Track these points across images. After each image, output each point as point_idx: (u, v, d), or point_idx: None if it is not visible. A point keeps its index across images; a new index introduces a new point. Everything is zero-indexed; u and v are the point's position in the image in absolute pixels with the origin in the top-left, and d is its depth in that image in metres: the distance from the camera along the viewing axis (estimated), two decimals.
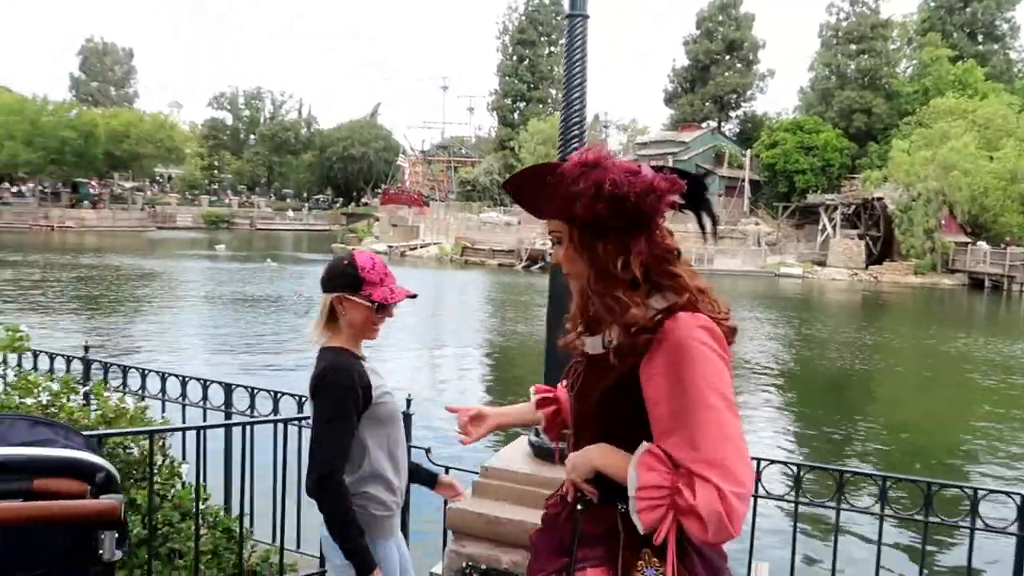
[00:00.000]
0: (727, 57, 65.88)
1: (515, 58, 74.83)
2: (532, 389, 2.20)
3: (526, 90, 74.54)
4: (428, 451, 3.58)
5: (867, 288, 41.13)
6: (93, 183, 66.53)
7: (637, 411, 1.60)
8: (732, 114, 68.31)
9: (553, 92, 76.33)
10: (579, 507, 1.70)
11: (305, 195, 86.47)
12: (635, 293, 1.60)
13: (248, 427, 3.80)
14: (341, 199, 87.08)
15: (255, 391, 4.01)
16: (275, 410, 3.95)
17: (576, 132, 3.20)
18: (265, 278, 31.61)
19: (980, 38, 60.67)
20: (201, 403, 4.11)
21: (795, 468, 3.32)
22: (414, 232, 54.09)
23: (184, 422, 4.14)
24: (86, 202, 63.36)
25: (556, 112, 68.48)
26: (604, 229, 1.59)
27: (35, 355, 4.64)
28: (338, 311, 2.37)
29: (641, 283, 1.60)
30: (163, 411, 4.31)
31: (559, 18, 73.12)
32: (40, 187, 64.47)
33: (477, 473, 2.82)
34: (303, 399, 3.92)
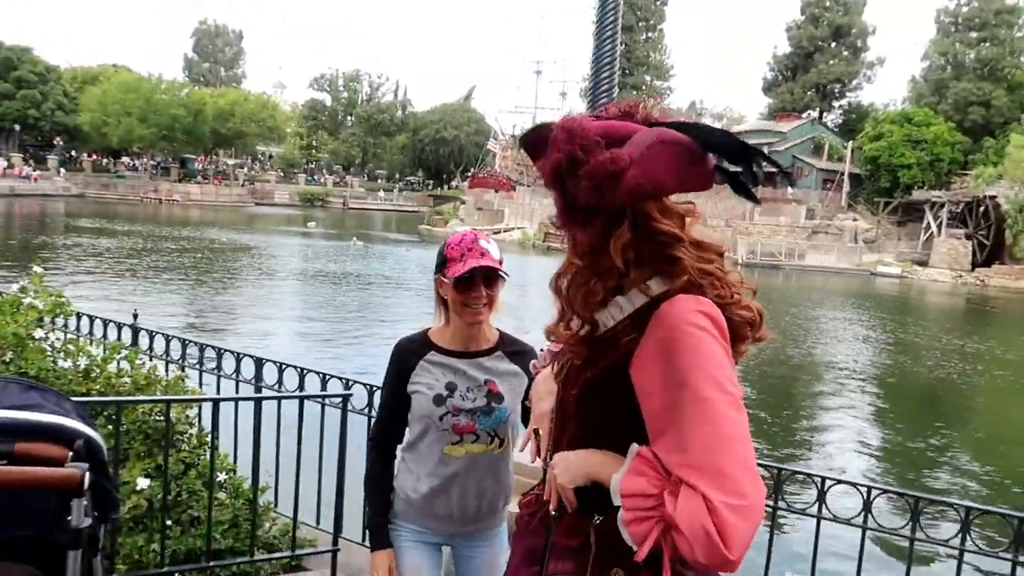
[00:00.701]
0: (832, 44, 62.96)
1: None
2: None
3: (621, 76, 73.37)
4: None
5: (972, 292, 38.71)
6: (199, 159, 69.95)
7: (624, 404, 1.41)
8: (835, 104, 65.33)
9: (648, 78, 75.02)
10: (553, 514, 1.54)
11: (397, 176, 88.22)
12: (623, 277, 1.43)
13: (278, 402, 3.84)
14: (431, 181, 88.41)
15: (283, 366, 4.06)
16: (300, 386, 3.98)
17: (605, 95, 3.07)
18: (349, 256, 32.43)
19: None
20: (234, 375, 4.19)
21: (864, 490, 2.97)
22: (499, 216, 54.36)
23: (218, 392, 4.23)
24: (198, 176, 66.68)
25: (648, 99, 67.42)
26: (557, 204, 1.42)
27: (91, 320, 4.85)
28: (440, 293, 2.26)
29: (632, 266, 1.42)
30: (200, 382, 4.42)
31: (658, 3, 71.71)
32: (152, 162, 68.18)
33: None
34: (327, 377, 3.94)
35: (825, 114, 63.55)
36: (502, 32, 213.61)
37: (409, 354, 2.28)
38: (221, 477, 3.88)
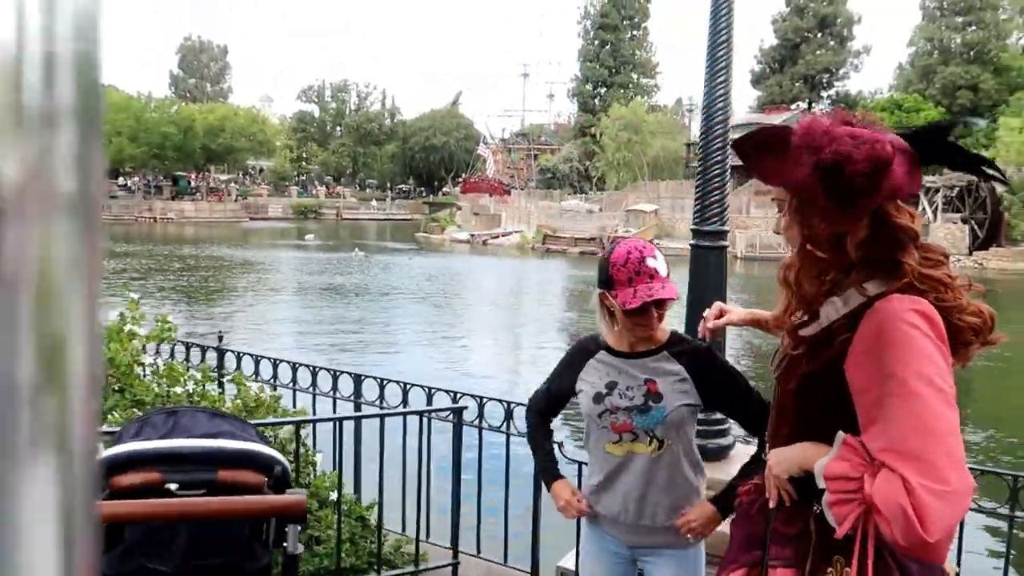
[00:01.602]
0: (819, 34, 63.25)
1: (596, 43, 73.89)
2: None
3: (608, 75, 73.54)
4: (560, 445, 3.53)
5: (972, 276, 38.53)
6: (191, 176, 69.63)
7: (835, 400, 1.49)
8: (824, 94, 65.62)
9: (635, 76, 75.14)
10: (771, 504, 1.63)
11: (388, 185, 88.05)
12: (845, 276, 1.52)
13: (381, 419, 3.85)
14: (423, 188, 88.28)
15: (384, 382, 4.07)
16: (404, 401, 3.99)
17: (721, 103, 3.09)
18: (355, 268, 32.38)
19: None
20: (331, 393, 4.19)
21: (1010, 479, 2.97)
22: (496, 220, 54.33)
23: (314, 412, 4.23)
24: (195, 194, 66.42)
25: (637, 97, 67.70)
26: (819, 203, 1.47)
27: (172, 344, 4.84)
28: (607, 306, 2.24)
29: (856, 266, 1.50)
30: (294, 401, 4.41)
31: (641, 0, 71.79)
32: (144, 181, 67.82)
33: None
34: (432, 391, 3.95)
35: (814, 104, 63.74)
36: (502, 31, 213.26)
37: (583, 351, 2.37)
38: (333, 496, 3.89)
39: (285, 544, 2.15)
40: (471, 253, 45.83)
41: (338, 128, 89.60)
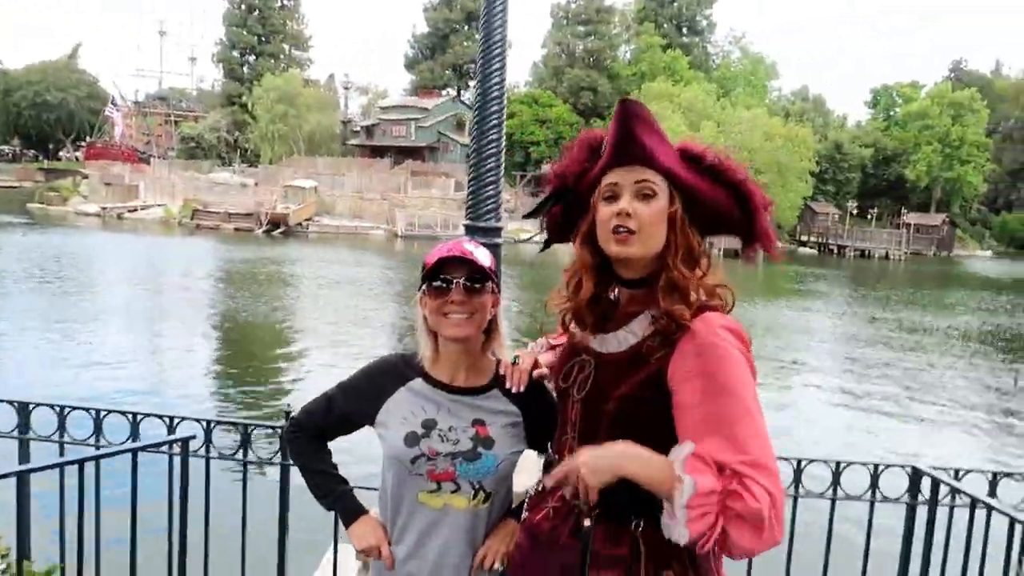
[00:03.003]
0: (466, 27, 67.07)
1: (243, 7, 69.49)
2: (547, 339, 2.01)
3: (256, 43, 69.68)
4: None
5: None
6: None
7: (658, 417, 1.50)
8: (471, 83, 69.92)
9: (286, 48, 72.35)
10: (587, 524, 1.52)
11: None
12: (698, 282, 1.56)
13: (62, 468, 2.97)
14: (34, 152, 75.14)
15: (66, 410, 3.17)
16: (97, 433, 3.15)
17: (496, 96, 2.90)
18: None
19: (684, 30, 68.31)
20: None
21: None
22: (132, 192, 48.36)
23: None
24: None
25: (292, 69, 65.24)
26: (703, 217, 1.58)
27: None
28: (425, 314, 1.85)
29: (667, 283, 1.55)
30: None
31: None
32: None
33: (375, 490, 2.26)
34: (138, 417, 3.18)
35: (463, 92, 67.68)
36: None
37: (391, 374, 1.90)
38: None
39: None
40: (104, 228, 40.09)
41: None
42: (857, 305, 28.57)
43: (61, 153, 72.76)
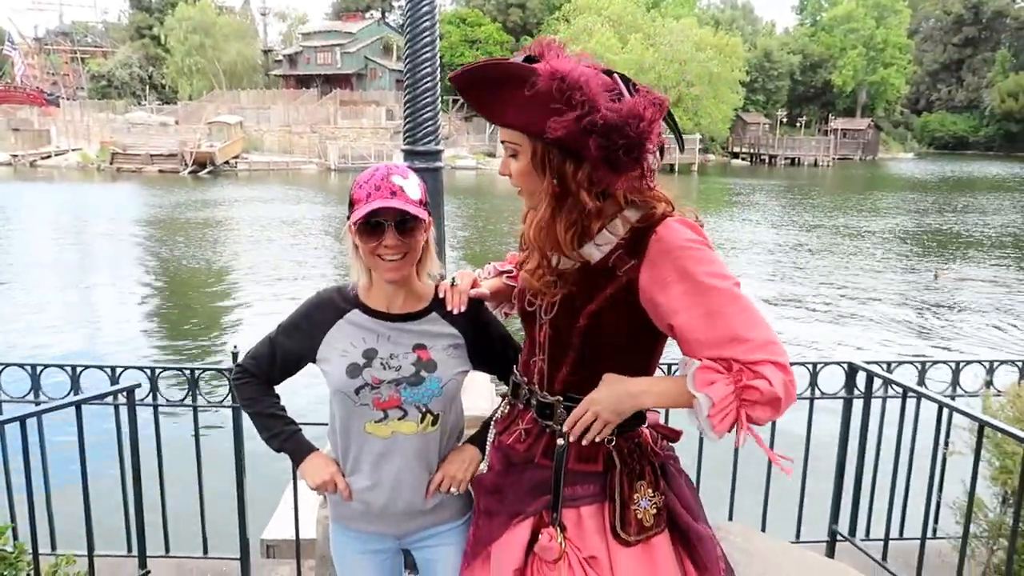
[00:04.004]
0: None
1: None
2: (494, 265, 1.99)
3: None
4: None
5: None
6: None
7: (630, 330, 1.54)
8: (395, 4, 67.35)
9: None
10: (560, 443, 1.60)
11: None
12: (597, 219, 1.53)
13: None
14: None
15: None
16: (34, 389, 3.05)
17: (427, 12, 2.79)
18: None
19: None
20: None
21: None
22: (43, 138, 45.70)
23: None
24: None
25: None
26: (581, 157, 1.45)
27: None
28: (355, 243, 1.79)
29: (605, 208, 1.54)
30: None
31: None
32: None
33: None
34: (78, 369, 3.09)
35: (387, 14, 65.22)
36: None
37: (327, 308, 1.88)
38: None
39: None
40: (17, 178, 37.95)
41: None
42: (793, 214, 29.32)
43: None
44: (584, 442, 1.58)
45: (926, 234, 24.33)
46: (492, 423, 1.90)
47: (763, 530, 3.37)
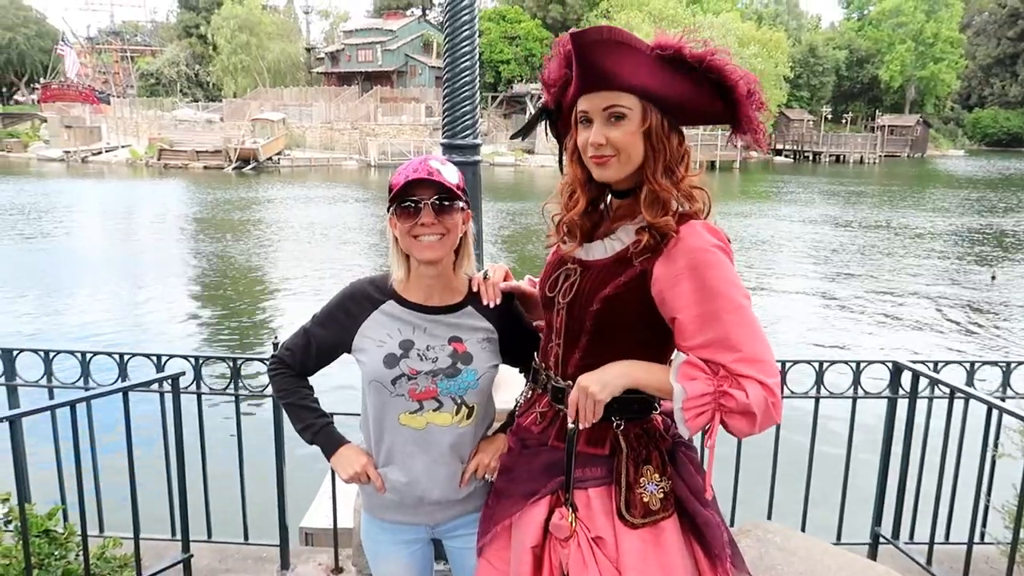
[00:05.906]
0: None
1: None
2: (528, 278, 2.00)
3: None
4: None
5: None
6: None
7: (641, 319, 1.58)
8: (436, 1, 67.67)
9: None
10: (571, 426, 1.63)
11: None
12: (679, 185, 1.59)
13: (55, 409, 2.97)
14: None
15: (51, 354, 3.15)
16: (84, 376, 3.14)
17: (467, 6, 2.79)
18: None
19: None
20: None
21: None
22: (95, 134, 46.95)
23: None
24: None
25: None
26: (685, 115, 1.56)
27: None
28: (395, 236, 1.83)
29: (649, 191, 1.58)
30: None
31: None
32: None
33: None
34: (125, 357, 3.17)
35: (428, 11, 65.54)
36: None
37: (362, 299, 1.89)
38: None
39: None
40: (69, 175, 38.97)
41: None
42: (836, 209, 28.74)
43: (16, 96, 70.12)
44: (583, 424, 1.60)
45: (978, 233, 23.64)
46: (516, 410, 1.92)
47: (803, 530, 3.32)
